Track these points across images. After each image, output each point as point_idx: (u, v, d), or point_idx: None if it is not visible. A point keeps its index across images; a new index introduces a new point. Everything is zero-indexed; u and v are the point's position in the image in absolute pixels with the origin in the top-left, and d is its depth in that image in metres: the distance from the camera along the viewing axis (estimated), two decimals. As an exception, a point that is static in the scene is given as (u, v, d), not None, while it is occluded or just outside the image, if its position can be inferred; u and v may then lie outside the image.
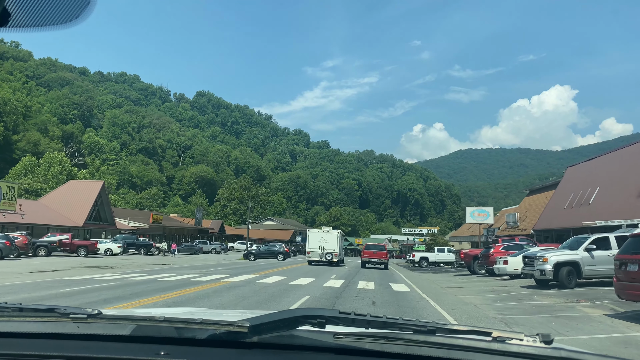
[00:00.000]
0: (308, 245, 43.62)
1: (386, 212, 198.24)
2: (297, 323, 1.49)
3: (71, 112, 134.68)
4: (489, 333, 1.47)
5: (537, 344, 1.44)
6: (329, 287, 19.53)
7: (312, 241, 43.38)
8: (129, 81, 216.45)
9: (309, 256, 43.34)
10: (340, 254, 45.74)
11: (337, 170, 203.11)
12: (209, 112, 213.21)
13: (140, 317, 1.69)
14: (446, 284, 24.54)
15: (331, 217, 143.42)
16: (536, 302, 15.03)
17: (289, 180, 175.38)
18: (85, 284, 16.97)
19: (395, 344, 1.41)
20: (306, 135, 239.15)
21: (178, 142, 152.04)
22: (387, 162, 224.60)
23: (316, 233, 44.15)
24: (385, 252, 42.00)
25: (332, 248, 42.97)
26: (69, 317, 1.63)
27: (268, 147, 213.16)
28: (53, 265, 27.20)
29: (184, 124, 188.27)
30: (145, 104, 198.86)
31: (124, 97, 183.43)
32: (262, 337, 1.47)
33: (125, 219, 54.59)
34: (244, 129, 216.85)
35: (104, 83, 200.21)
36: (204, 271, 26.12)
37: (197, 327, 1.54)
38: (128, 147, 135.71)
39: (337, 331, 1.48)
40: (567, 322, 11.19)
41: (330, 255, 42.89)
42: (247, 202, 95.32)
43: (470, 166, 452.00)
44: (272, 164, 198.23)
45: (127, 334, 1.57)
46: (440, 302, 15.95)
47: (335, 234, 43.63)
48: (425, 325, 1.50)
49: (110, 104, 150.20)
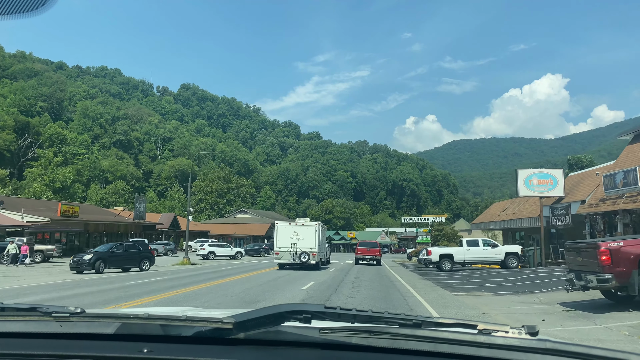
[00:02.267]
0: (276, 244, 31.39)
1: (381, 204, 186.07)
2: (282, 319, 1.46)
3: (38, 104, 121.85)
4: (475, 326, 1.44)
5: (523, 335, 1.42)
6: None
7: (281, 237, 31.18)
8: (109, 75, 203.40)
9: (277, 258, 31.16)
10: (322, 253, 33.61)
11: (330, 162, 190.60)
12: (194, 105, 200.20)
13: (124, 315, 1.65)
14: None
15: (323, 210, 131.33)
16: None
17: (279, 173, 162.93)
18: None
19: (381, 338, 1.39)
20: (297, 127, 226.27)
21: (157, 135, 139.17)
22: (382, 153, 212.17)
23: (287, 227, 31.83)
24: (378, 249, 40.38)
25: (308, 246, 30.78)
26: (51, 315, 1.58)
27: (257, 140, 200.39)
28: None
29: (166, 118, 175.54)
30: (127, 97, 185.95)
31: (103, 91, 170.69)
32: (247, 334, 1.44)
33: (19, 212, 38.80)
34: (231, 122, 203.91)
35: (82, 77, 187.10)
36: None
37: (182, 324, 1.50)
38: (101, 140, 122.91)
39: (323, 326, 1.45)
40: None
41: (307, 256, 30.65)
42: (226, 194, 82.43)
43: (465, 157, 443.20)
44: (261, 157, 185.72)
45: (111, 332, 1.52)
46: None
47: (312, 228, 31.37)
48: (411, 319, 1.47)
49: (83, 95, 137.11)
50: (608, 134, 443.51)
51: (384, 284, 21.65)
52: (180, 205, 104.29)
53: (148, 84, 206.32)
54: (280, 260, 30.95)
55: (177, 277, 23.88)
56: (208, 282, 20.88)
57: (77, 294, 15.76)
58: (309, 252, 30.62)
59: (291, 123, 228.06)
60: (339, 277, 25.41)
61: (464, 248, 31.22)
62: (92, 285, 19.34)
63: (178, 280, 21.98)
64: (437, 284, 21.88)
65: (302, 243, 30.76)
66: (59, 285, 19.13)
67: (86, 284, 20.00)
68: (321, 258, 33.30)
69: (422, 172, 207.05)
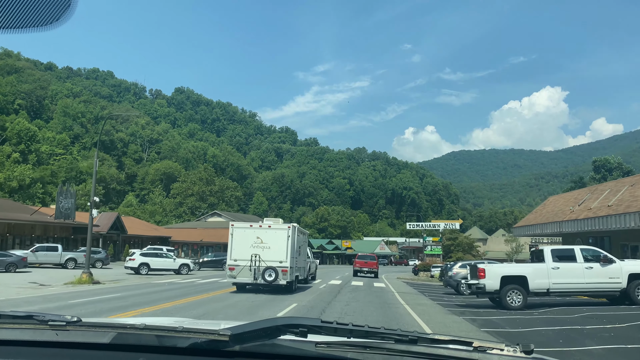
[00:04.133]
0: (231, 255, 21.40)
1: (380, 213, 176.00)
2: (278, 332, 1.43)
3: (16, 102, 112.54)
4: (470, 343, 1.42)
5: (518, 354, 1.40)
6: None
7: (238, 246, 21.21)
8: (101, 77, 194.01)
9: (232, 275, 21.19)
10: (299, 268, 23.76)
11: (327, 169, 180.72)
12: (188, 109, 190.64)
13: (120, 324, 1.64)
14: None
15: (318, 218, 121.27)
16: None
17: (273, 179, 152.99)
18: None
19: (377, 354, 1.36)
20: (294, 133, 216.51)
21: (143, 136, 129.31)
22: (381, 160, 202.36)
23: (246, 230, 21.75)
24: (375, 262, 39.97)
25: (276, 258, 20.85)
26: (47, 324, 1.56)
27: (252, 146, 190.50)
28: None
29: (158, 122, 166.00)
30: (118, 100, 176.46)
31: (94, 93, 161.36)
32: (243, 346, 1.41)
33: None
34: (225, 126, 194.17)
35: (72, 78, 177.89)
36: None
37: (178, 335, 1.48)
38: (81, 140, 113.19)
39: (319, 340, 1.42)
40: None
41: (273, 273, 20.71)
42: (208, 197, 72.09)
43: (464, 167, 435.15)
44: (256, 162, 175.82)
45: (107, 341, 1.49)
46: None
47: (283, 232, 21.39)
48: (407, 335, 1.44)
49: (66, 94, 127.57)
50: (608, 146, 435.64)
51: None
52: (162, 210, 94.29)
53: (141, 86, 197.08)
54: (237, 279, 21.07)
55: (127, 297, 13.94)
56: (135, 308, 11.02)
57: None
58: (278, 267, 20.74)
59: (288, 129, 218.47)
60: (318, 306, 15.64)
61: (547, 265, 17.14)
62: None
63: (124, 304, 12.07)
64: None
65: (267, 254, 20.89)
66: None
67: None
68: (298, 275, 23.41)
69: (422, 180, 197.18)
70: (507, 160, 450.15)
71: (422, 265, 44.70)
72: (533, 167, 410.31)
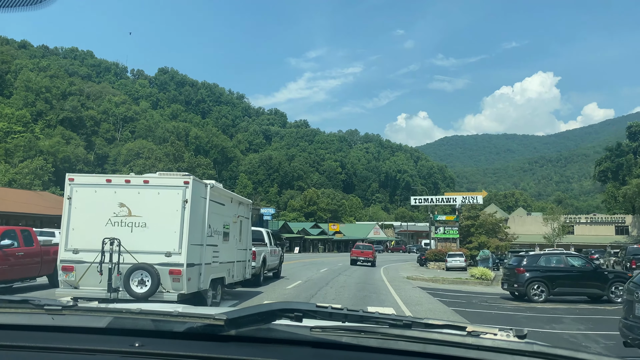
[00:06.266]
0: (67, 240, 10.38)
1: (373, 197, 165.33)
2: (274, 317, 1.43)
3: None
4: (464, 327, 1.41)
5: (511, 338, 1.38)
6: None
7: (80, 222, 10.00)
8: (80, 57, 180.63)
9: (66, 280, 9.92)
10: (223, 265, 12.70)
11: (317, 151, 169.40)
12: (171, 90, 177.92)
13: (116, 309, 1.63)
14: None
15: (306, 202, 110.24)
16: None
17: (260, 162, 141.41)
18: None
19: (371, 338, 1.36)
20: (283, 115, 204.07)
21: (116, 114, 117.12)
22: (374, 142, 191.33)
23: (99, 190, 10.43)
24: (371, 252, 37.60)
25: (158, 246, 9.31)
26: (43, 308, 1.55)
27: (239, 128, 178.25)
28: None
29: (138, 103, 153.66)
30: (97, 80, 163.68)
31: (71, 73, 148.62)
32: (239, 331, 1.40)
33: None
34: (211, 108, 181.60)
35: (48, 57, 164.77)
36: None
37: (173, 319, 1.48)
38: (45, 117, 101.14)
39: (314, 325, 1.42)
40: None
41: (149, 280, 9.42)
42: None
43: (457, 153, 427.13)
44: (243, 145, 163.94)
45: (103, 326, 1.49)
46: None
47: (174, 194, 9.88)
48: (401, 320, 1.43)
49: (31, 68, 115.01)
50: (600, 130, 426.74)
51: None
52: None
53: (122, 66, 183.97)
54: (80, 288, 10.07)
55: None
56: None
57: None
58: (162, 265, 9.69)
59: (277, 111, 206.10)
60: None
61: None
62: None
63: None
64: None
65: (139, 238, 9.87)
66: None
67: None
68: (221, 278, 12.41)
69: (417, 163, 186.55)
70: (500, 145, 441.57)
71: (431, 254, 33.68)
72: (526, 152, 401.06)
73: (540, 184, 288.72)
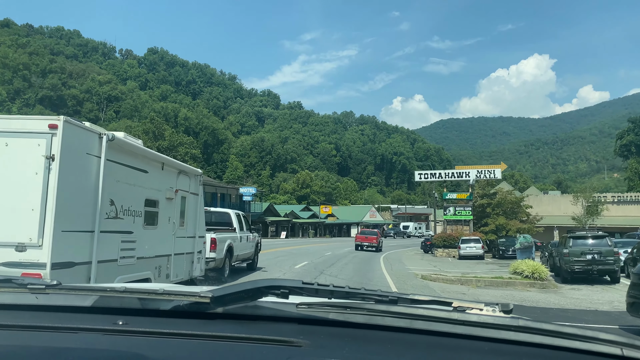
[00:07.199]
0: None
1: (369, 180, 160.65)
2: (260, 294, 1.42)
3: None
4: (450, 303, 1.42)
5: (497, 313, 1.40)
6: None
7: None
8: (66, 36, 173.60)
9: None
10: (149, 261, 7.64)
11: (311, 133, 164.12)
12: (161, 70, 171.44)
13: (101, 288, 1.60)
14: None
15: (299, 184, 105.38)
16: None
17: (252, 144, 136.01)
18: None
19: (357, 314, 1.36)
20: (276, 96, 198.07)
21: (100, 93, 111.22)
22: (370, 124, 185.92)
23: None
24: (376, 237, 35.65)
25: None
26: (26, 287, 1.54)
27: (231, 109, 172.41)
28: None
29: (126, 83, 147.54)
30: (84, 60, 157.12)
31: (56, 52, 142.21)
32: (225, 308, 1.40)
33: None
34: (202, 89, 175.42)
35: (32, 36, 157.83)
36: None
37: (159, 297, 1.47)
38: (23, 96, 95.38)
39: (300, 301, 1.42)
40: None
41: None
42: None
43: (453, 136, 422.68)
44: (235, 127, 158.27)
45: (88, 305, 1.48)
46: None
47: (29, 147, 5.15)
48: (387, 295, 1.44)
49: (9, 44, 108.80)
50: (596, 113, 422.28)
51: None
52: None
53: (110, 46, 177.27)
54: None
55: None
56: None
57: None
58: (14, 264, 4.97)
59: (270, 92, 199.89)
60: None
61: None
62: None
63: None
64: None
65: None
66: None
67: None
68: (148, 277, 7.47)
69: (413, 145, 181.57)
70: (496, 128, 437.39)
71: (439, 238, 28.91)
72: (522, 135, 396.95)
73: (537, 166, 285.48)
